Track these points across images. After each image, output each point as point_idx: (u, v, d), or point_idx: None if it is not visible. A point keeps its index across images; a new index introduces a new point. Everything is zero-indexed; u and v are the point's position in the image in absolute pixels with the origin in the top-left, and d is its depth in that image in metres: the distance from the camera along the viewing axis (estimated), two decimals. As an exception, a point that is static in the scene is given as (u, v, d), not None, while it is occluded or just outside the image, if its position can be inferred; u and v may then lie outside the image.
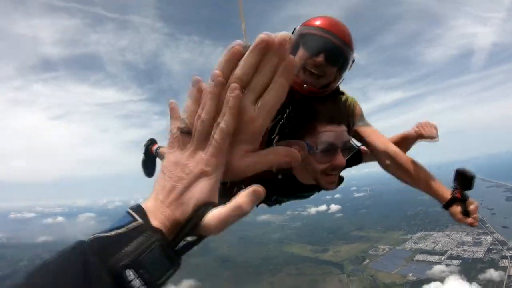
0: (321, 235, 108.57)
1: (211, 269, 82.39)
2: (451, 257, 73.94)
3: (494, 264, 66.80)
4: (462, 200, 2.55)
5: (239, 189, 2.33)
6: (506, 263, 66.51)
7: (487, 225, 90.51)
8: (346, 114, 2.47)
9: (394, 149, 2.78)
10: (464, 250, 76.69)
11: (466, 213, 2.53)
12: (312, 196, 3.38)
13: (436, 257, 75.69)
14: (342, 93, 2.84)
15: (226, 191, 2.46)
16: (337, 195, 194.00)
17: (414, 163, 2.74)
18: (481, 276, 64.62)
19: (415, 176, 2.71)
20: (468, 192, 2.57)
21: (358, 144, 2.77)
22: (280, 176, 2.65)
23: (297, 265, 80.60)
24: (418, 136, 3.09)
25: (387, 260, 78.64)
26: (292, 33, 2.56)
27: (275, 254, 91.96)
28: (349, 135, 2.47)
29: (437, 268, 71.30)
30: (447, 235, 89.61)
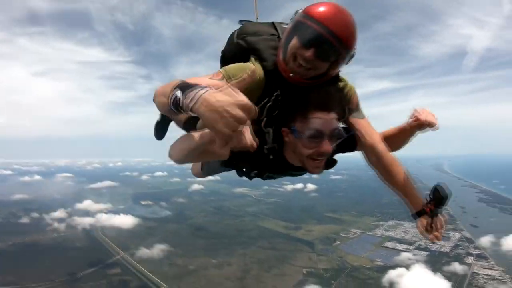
0: (296, 213, 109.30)
1: (184, 236, 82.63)
2: (419, 248, 75.46)
3: (459, 259, 68.60)
4: (431, 215, 2.64)
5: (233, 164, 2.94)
6: (471, 260, 68.45)
7: (457, 222, 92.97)
8: (338, 102, 2.52)
9: (382, 148, 2.84)
10: (432, 243, 77.16)
11: (431, 228, 2.64)
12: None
13: (405, 246, 77.30)
14: (341, 80, 2.86)
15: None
16: (314, 175, 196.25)
17: (397, 166, 2.83)
18: (446, 268, 66.12)
19: (395, 179, 2.81)
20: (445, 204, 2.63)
21: (348, 132, 2.70)
22: (271, 157, 2.72)
23: (270, 240, 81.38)
24: (417, 125, 2.99)
25: (357, 244, 79.79)
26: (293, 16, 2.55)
27: (249, 227, 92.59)
28: (341, 122, 2.60)
29: (404, 255, 72.75)
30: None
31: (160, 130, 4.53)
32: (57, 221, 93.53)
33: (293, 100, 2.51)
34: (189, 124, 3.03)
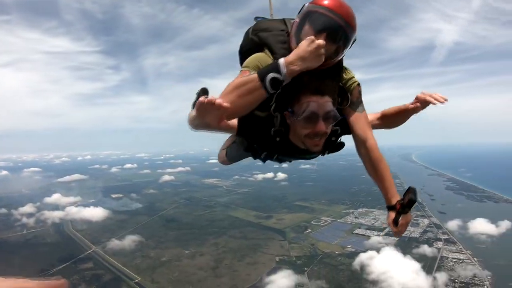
0: (266, 202, 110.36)
1: (156, 228, 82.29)
2: (388, 234, 76.52)
3: (428, 244, 70.79)
4: (399, 212, 2.88)
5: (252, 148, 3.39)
6: (440, 245, 70.66)
7: (426, 209, 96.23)
8: (332, 87, 2.83)
9: (372, 142, 3.10)
10: (396, 236, 79.24)
11: (397, 223, 2.92)
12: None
13: (375, 233, 78.74)
14: (345, 72, 3.16)
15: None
16: (284, 165, 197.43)
17: (382, 162, 3.09)
18: (415, 251, 68.13)
19: (378, 172, 3.06)
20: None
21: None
22: (278, 139, 3.05)
23: (241, 229, 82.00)
24: (416, 107, 3.36)
25: (328, 232, 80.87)
26: (301, 10, 2.84)
27: (221, 218, 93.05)
28: (335, 103, 2.86)
29: (375, 239, 74.42)
30: (387, 213, 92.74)
31: None
32: (26, 216, 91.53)
33: (291, 85, 2.70)
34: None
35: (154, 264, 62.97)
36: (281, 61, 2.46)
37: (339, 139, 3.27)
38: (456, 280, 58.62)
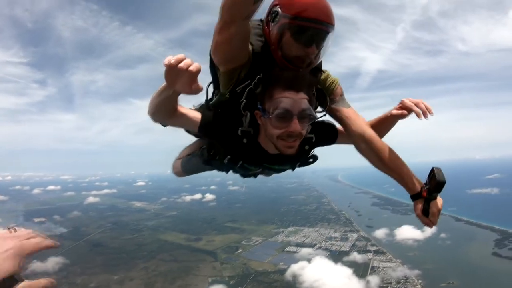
0: (195, 224, 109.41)
1: (82, 254, 78.67)
2: (319, 249, 79.46)
3: (359, 252, 74.39)
4: (427, 200, 2.58)
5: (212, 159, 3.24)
6: (370, 256, 73.53)
7: (354, 224, 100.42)
8: (308, 83, 2.54)
9: (370, 133, 2.86)
10: (332, 244, 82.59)
11: (426, 212, 2.59)
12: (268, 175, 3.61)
13: (306, 249, 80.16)
14: (322, 71, 3.04)
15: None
16: (213, 186, 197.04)
17: (389, 150, 2.80)
18: (346, 259, 71.03)
19: (388, 164, 2.77)
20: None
21: (320, 114, 2.86)
22: (245, 140, 2.76)
23: (171, 252, 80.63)
24: (400, 113, 3.02)
25: (259, 251, 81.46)
26: (271, 11, 2.67)
27: (149, 241, 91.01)
28: (313, 105, 2.58)
29: (305, 251, 76.87)
30: (317, 230, 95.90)
31: None
32: None
33: (264, 80, 2.57)
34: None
35: (81, 292, 60.58)
36: None
37: (313, 150, 3.11)
38: (390, 281, 62.12)
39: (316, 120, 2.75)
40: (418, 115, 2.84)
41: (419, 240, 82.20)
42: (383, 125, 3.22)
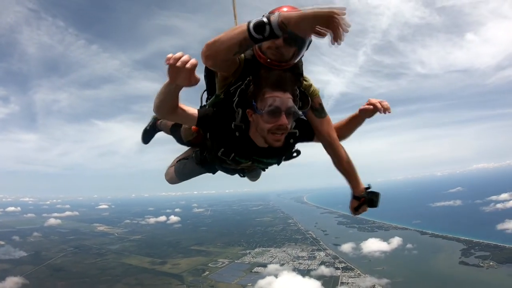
0: (161, 248, 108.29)
1: (43, 278, 76.36)
2: (287, 269, 78.99)
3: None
4: (361, 204, 3.60)
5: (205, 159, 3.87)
6: (338, 273, 74.05)
7: (321, 243, 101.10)
8: (293, 84, 3.00)
9: (337, 144, 3.57)
10: (300, 263, 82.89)
11: (357, 209, 3.65)
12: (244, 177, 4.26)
13: (273, 265, 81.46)
14: (305, 79, 3.46)
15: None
16: (177, 209, 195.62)
17: (347, 157, 3.60)
18: (314, 273, 72.52)
19: (344, 167, 3.60)
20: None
21: (302, 112, 3.23)
22: (237, 134, 3.18)
23: (136, 276, 79.51)
24: (367, 109, 3.51)
25: (226, 272, 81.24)
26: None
27: (113, 265, 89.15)
28: (297, 104, 3.01)
29: (272, 267, 78.95)
30: (284, 251, 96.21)
31: (148, 136, 5.50)
32: None
33: (254, 81, 2.99)
34: (175, 127, 4.27)
35: (43, 318, 58.72)
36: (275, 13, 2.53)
37: (296, 145, 3.54)
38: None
39: (299, 117, 3.15)
40: (379, 110, 3.46)
41: (386, 251, 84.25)
42: (353, 123, 3.77)
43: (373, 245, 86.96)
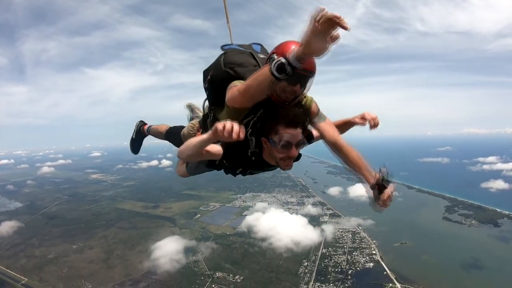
0: (153, 193, 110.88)
1: (39, 227, 78.47)
2: (275, 207, 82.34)
3: (315, 220, 75.35)
4: (379, 191, 3.30)
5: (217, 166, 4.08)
6: (326, 219, 76.22)
7: (310, 190, 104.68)
8: (303, 120, 3.30)
9: (340, 142, 3.64)
10: (289, 208, 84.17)
11: (377, 199, 3.32)
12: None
13: (261, 203, 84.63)
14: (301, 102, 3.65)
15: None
16: (169, 154, 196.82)
17: (354, 153, 3.58)
18: (301, 211, 75.86)
19: (352, 163, 3.55)
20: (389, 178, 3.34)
21: (309, 139, 3.67)
22: (253, 158, 3.51)
23: (130, 220, 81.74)
24: (361, 123, 4.07)
25: (217, 215, 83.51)
26: (269, 58, 3.23)
27: (107, 211, 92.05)
28: (305, 131, 3.34)
29: (260, 205, 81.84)
30: (274, 196, 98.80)
31: (137, 144, 5.88)
32: None
33: (269, 117, 3.28)
34: (172, 133, 4.72)
35: (40, 263, 60.35)
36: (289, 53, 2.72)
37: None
38: (346, 229, 68.04)
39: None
40: (371, 127, 4.04)
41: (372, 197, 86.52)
42: (346, 126, 4.29)
43: (360, 189, 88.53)
